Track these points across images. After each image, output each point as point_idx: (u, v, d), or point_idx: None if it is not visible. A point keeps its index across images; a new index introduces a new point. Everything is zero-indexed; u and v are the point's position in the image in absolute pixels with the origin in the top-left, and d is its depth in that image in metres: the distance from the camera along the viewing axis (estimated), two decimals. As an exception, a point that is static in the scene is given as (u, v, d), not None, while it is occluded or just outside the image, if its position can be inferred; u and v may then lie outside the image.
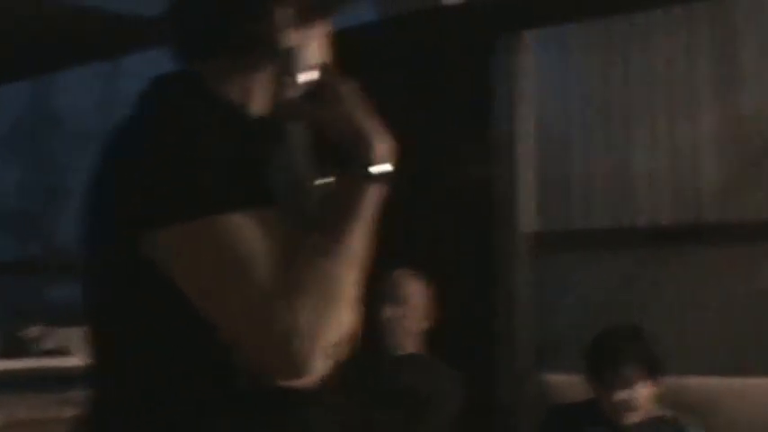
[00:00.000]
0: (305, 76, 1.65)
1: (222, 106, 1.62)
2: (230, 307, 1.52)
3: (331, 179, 1.64)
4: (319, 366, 1.53)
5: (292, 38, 1.64)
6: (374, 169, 1.60)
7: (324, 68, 1.67)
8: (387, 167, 1.61)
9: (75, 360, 4.64)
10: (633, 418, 3.81)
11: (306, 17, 1.65)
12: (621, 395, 3.77)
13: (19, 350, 5.21)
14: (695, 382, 4.10)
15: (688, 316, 4.44)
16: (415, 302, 4.22)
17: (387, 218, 1.58)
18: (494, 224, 4.66)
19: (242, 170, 1.54)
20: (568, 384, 4.27)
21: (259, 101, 1.66)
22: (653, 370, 3.81)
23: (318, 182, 1.66)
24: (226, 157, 1.53)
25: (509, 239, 4.65)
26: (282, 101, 1.66)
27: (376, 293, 4.22)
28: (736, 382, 4.14)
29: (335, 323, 1.55)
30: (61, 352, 5.14)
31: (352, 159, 1.60)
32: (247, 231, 1.52)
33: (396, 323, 4.18)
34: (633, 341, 3.83)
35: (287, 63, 1.64)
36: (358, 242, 1.59)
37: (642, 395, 3.80)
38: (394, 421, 4.04)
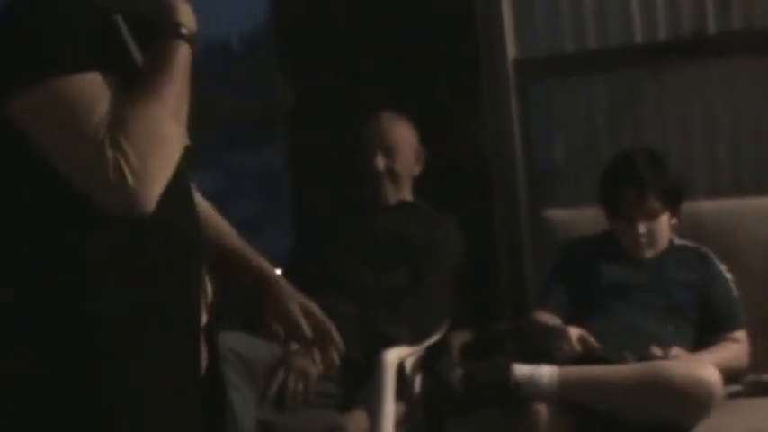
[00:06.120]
0: None
1: None
2: (70, 156, 1.75)
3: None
4: (152, 198, 1.75)
5: None
6: (182, 27, 1.84)
7: None
8: (191, 27, 1.86)
9: None
10: (654, 250, 3.58)
11: None
12: (644, 228, 3.53)
13: None
14: (708, 205, 3.85)
15: (694, 136, 4.16)
16: (405, 148, 3.98)
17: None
18: (479, 55, 4.37)
19: (94, 38, 1.79)
20: (570, 219, 4.03)
21: None
22: (676, 200, 3.57)
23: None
24: (78, 27, 1.78)
25: (496, 69, 4.36)
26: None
27: (363, 140, 3.98)
28: (753, 203, 3.88)
29: (161, 158, 1.76)
30: None
31: (162, 25, 1.85)
32: (88, 90, 1.75)
33: (387, 173, 3.95)
34: (656, 168, 3.53)
35: None
36: (173, 93, 1.80)
37: (664, 227, 3.56)
38: (393, 269, 3.83)
